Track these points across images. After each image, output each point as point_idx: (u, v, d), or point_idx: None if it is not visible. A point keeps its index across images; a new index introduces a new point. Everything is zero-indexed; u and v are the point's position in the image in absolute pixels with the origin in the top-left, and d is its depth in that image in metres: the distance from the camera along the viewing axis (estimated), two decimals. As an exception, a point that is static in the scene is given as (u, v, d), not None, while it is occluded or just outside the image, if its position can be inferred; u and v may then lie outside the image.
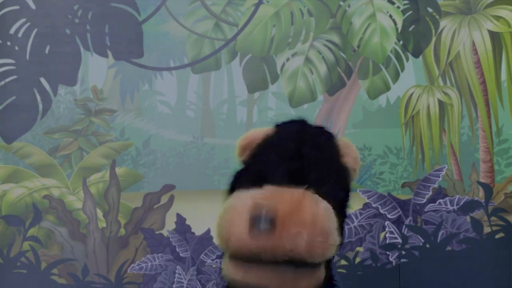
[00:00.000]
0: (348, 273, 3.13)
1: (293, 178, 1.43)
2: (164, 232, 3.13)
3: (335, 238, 1.37)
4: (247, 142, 1.56)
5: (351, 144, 1.55)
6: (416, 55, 3.20)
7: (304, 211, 1.34)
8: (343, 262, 3.14)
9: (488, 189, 3.16)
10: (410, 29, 3.21)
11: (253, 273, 1.36)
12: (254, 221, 1.33)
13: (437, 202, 3.15)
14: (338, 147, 1.53)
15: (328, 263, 1.48)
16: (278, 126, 1.57)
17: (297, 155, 1.46)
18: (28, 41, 3.11)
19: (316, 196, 1.38)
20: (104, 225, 3.13)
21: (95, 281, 3.10)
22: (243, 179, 1.49)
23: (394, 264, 3.11)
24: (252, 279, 1.36)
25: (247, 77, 3.20)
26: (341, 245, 1.46)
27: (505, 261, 3.13)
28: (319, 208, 1.36)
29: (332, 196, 1.43)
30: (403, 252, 3.11)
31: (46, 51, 3.11)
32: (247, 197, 1.38)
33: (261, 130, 1.56)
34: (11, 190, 3.13)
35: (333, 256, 1.44)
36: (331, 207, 1.39)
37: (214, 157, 3.17)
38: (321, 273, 1.41)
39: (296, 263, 1.35)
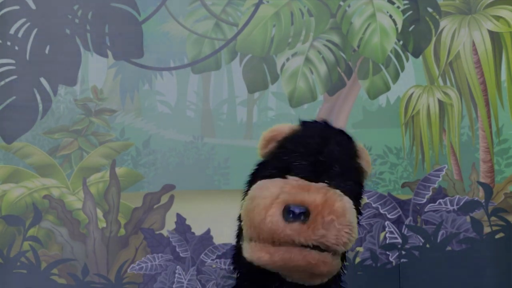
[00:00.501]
0: (348, 273, 3.13)
1: (317, 171, 1.52)
2: (164, 232, 3.13)
3: (356, 232, 1.50)
4: (273, 134, 1.64)
5: (365, 149, 1.67)
6: (416, 55, 3.20)
7: (334, 203, 1.45)
8: (343, 262, 3.14)
9: (488, 189, 3.16)
10: (410, 29, 3.21)
11: (280, 254, 1.44)
12: (288, 208, 1.42)
13: (437, 202, 3.15)
14: (356, 148, 1.64)
15: (344, 255, 1.62)
16: (303, 123, 1.67)
17: (321, 150, 1.55)
18: (28, 41, 3.10)
19: (339, 191, 1.49)
20: (104, 225, 3.13)
21: (95, 281, 3.10)
22: (268, 169, 1.58)
23: (394, 264, 3.11)
24: (279, 260, 1.45)
25: (247, 77, 3.20)
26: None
27: (505, 261, 3.13)
28: (345, 202, 1.47)
29: (350, 192, 1.53)
30: (403, 252, 3.11)
31: (46, 51, 3.11)
32: (275, 186, 1.46)
33: (287, 125, 1.66)
34: (11, 190, 3.12)
35: (347, 250, 1.57)
36: (352, 203, 1.50)
37: (214, 157, 3.17)
38: (339, 262, 1.54)
39: (321, 248, 1.45)
